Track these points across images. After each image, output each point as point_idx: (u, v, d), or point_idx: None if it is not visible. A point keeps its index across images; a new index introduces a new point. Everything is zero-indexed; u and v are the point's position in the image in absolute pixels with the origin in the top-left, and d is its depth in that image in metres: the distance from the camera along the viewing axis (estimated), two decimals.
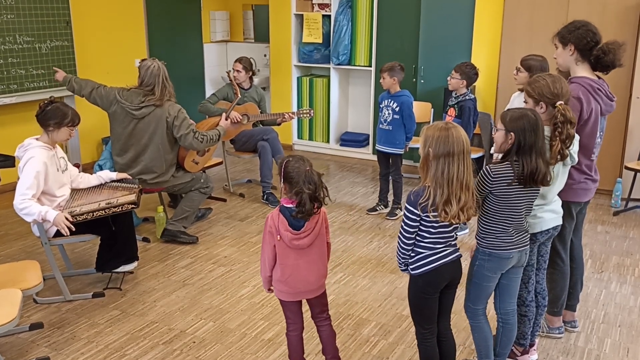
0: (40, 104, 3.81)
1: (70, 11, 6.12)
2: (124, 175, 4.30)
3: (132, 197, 3.94)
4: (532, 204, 2.81)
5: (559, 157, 2.76)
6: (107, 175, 4.23)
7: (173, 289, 4.07)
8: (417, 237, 2.59)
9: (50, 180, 3.74)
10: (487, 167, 2.71)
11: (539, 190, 2.77)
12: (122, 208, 3.84)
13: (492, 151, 2.96)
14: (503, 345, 2.99)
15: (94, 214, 3.76)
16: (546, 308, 3.26)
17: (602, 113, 3.17)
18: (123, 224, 3.98)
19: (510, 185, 2.66)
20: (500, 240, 2.75)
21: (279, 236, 2.70)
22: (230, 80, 5.70)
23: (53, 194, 3.80)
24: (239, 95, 5.61)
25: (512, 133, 2.65)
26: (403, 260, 2.66)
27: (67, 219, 3.62)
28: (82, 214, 3.72)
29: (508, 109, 2.81)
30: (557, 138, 2.74)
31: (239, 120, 5.67)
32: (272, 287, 2.89)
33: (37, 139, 3.79)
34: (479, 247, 2.81)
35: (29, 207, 3.60)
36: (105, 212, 3.79)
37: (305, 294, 2.85)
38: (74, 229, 3.64)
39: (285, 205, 2.70)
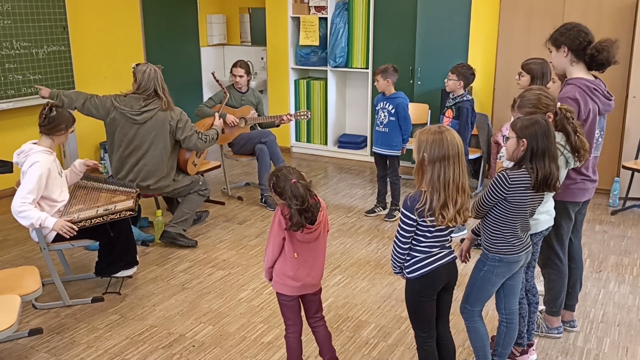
0: (43, 113, 3.76)
1: (67, 16, 6.12)
2: (92, 162, 4.19)
3: (130, 204, 3.94)
4: (537, 207, 2.83)
5: (581, 151, 2.89)
6: (78, 164, 4.16)
7: (172, 293, 4.07)
8: (413, 242, 2.59)
9: (51, 185, 3.74)
10: (503, 173, 2.69)
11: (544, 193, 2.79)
12: (120, 215, 3.85)
13: (499, 157, 2.98)
14: (505, 345, 2.99)
15: (92, 221, 3.76)
16: (538, 305, 3.27)
17: (601, 113, 3.19)
18: (122, 229, 3.98)
19: (526, 190, 2.67)
20: (512, 245, 2.75)
21: (295, 254, 2.72)
22: (217, 81, 5.70)
23: (54, 200, 3.80)
24: (227, 94, 5.62)
25: (524, 140, 2.66)
26: (399, 265, 2.66)
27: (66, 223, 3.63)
28: (80, 221, 3.72)
29: (518, 117, 2.83)
30: (573, 135, 2.85)
31: (236, 123, 5.68)
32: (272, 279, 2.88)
33: (35, 143, 3.78)
34: (488, 253, 2.80)
35: (27, 211, 3.59)
36: (103, 219, 3.79)
37: (310, 287, 2.85)
38: (76, 230, 3.65)
39: None
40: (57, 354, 3.36)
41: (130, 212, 3.89)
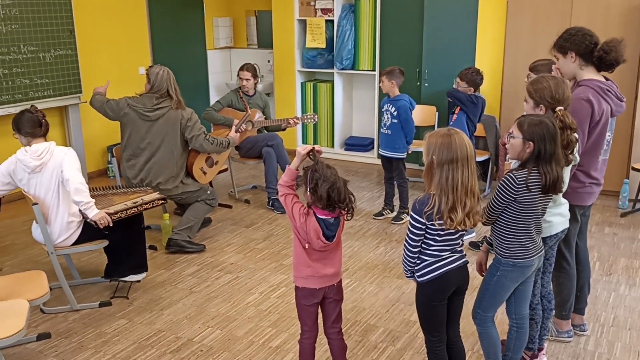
0: (43, 120, 3.76)
1: (74, 20, 6.14)
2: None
3: (156, 195, 4.06)
4: (547, 208, 2.81)
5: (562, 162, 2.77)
6: None
7: (180, 297, 4.06)
8: (423, 245, 2.58)
9: None
10: (510, 174, 2.67)
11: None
12: (152, 204, 3.98)
13: (508, 159, 2.97)
14: (516, 350, 2.97)
15: (127, 212, 3.85)
16: (552, 312, 3.24)
17: (613, 114, 3.16)
18: (136, 232, 4.02)
19: (533, 191, 2.65)
20: (526, 249, 2.73)
21: (307, 244, 2.73)
22: (244, 102, 5.80)
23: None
24: (249, 111, 5.68)
25: (531, 142, 2.63)
26: (409, 268, 2.65)
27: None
28: (116, 213, 3.79)
29: (524, 115, 2.79)
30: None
31: (243, 128, 5.68)
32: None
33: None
34: (501, 258, 2.78)
35: (86, 191, 3.66)
36: (137, 209, 3.91)
37: (331, 278, 2.83)
38: (112, 225, 3.72)
39: (319, 216, 2.68)
40: (65, 359, 3.36)
41: (162, 201, 4.02)
